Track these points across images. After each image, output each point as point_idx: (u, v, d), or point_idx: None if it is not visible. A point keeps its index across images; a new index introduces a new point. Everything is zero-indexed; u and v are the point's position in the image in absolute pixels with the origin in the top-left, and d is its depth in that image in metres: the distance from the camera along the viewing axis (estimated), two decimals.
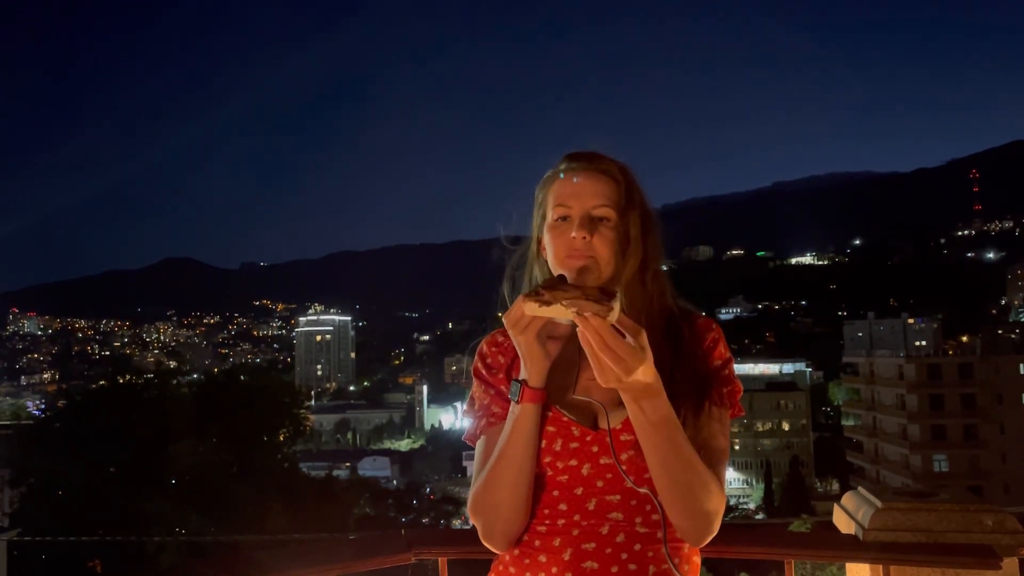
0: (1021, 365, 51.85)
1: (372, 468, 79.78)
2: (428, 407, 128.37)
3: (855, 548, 2.08)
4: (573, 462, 1.36)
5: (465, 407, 1.67)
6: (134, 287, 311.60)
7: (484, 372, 1.61)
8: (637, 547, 1.32)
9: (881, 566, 2.06)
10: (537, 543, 1.36)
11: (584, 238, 1.38)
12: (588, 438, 1.37)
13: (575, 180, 1.43)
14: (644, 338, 1.18)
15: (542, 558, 1.35)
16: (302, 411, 39.34)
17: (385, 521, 41.91)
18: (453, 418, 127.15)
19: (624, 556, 1.31)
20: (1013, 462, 49.17)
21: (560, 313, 1.16)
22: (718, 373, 1.41)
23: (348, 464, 79.56)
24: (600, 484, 1.35)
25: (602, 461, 1.35)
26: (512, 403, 1.39)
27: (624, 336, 1.17)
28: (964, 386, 50.95)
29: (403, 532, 2.23)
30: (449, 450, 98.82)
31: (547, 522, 1.36)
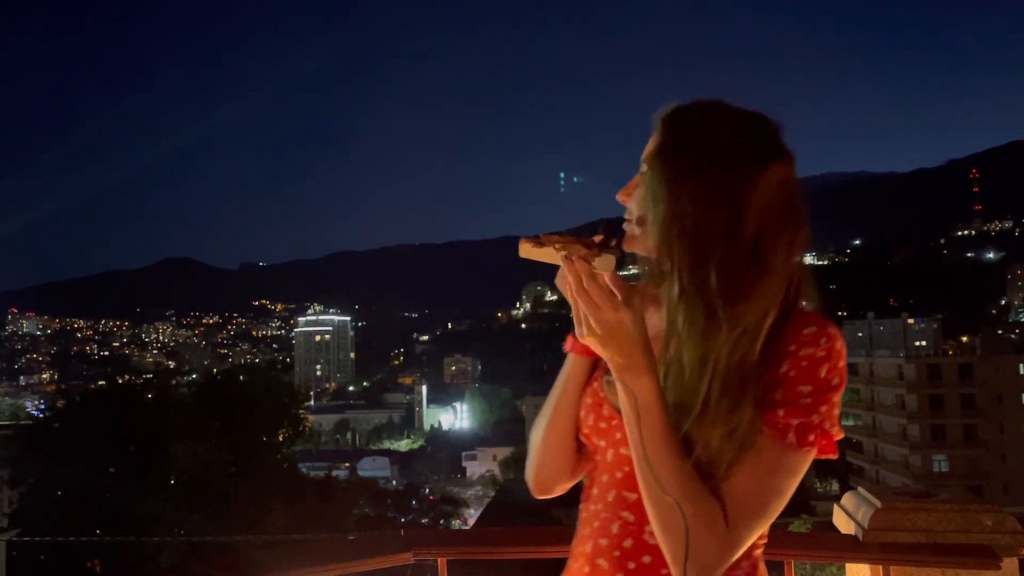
0: (1021, 365, 51.89)
1: (371, 468, 79.77)
2: (428, 407, 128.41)
3: (855, 548, 2.08)
4: (602, 443, 1.24)
5: None
6: (133, 287, 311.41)
7: None
8: (646, 560, 1.15)
9: (881, 566, 2.06)
10: (582, 523, 1.27)
11: (622, 201, 1.23)
12: (614, 422, 1.21)
13: None
14: (636, 299, 1.06)
15: (586, 546, 1.24)
16: (301, 411, 39.35)
17: (384, 521, 41.88)
18: (453, 418, 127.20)
19: (631, 566, 1.15)
20: (1013, 462, 49.21)
21: (550, 256, 1.10)
22: (790, 396, 1.08)
23: (347, 464, 79.57)
24: (619, 475, 1.20)
25: (622, 451, 1.19)
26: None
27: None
28: (964, 386, 50.98)
29: (403, 532, 2.23)
30: (449, 450, 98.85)
31: (588, 504, 1.26)
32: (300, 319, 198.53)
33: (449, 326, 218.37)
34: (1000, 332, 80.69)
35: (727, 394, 1.06)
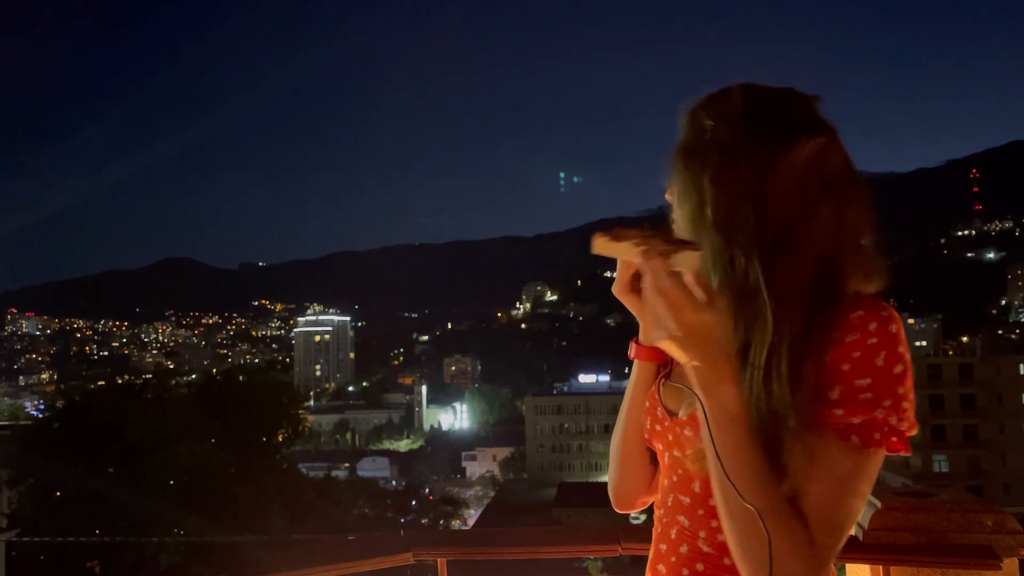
0: (1021, 365, 51.95)
1: (371, 468, 79.82)
2: (427, 407, 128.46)
3: (855, 548, 2.08)
4: (659, 446, 1.22)
5: None
6: (133, 287, 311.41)
7: None
8: (700, 567, 1.10)
9: (881, 566, 2.06)
10: (654, 527, 1.23)
11: (669, 199, 1.18)
12: (666, 424, 1.19)
13: None
14: (721, 303, 0.94)
15: (651, 550, 1.21)
16: (301, 411, 39.34)
17: (384, 522, 41.93)
18: (452, 418, 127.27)
19: (686, 573, 1.12)
20: (1013, 462, 49.27)
21: (627, 252, 1.01)
22: (848, 393, 0.99)
23: (347, 464, 79.63)
24: (675, 479, 1.17)
25: (675, 454, 1.17)
26: None
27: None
28: (964, 386, 51.02)
29: (402, 533, 2.24)
30: (448, 451, 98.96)
31: (656, 508, 1.23)
32: (300, 319, 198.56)
33: (449, 326, 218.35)
34: (1000, 332, 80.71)
35: (791, 395, 0.99)
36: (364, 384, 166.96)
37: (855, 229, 1.06)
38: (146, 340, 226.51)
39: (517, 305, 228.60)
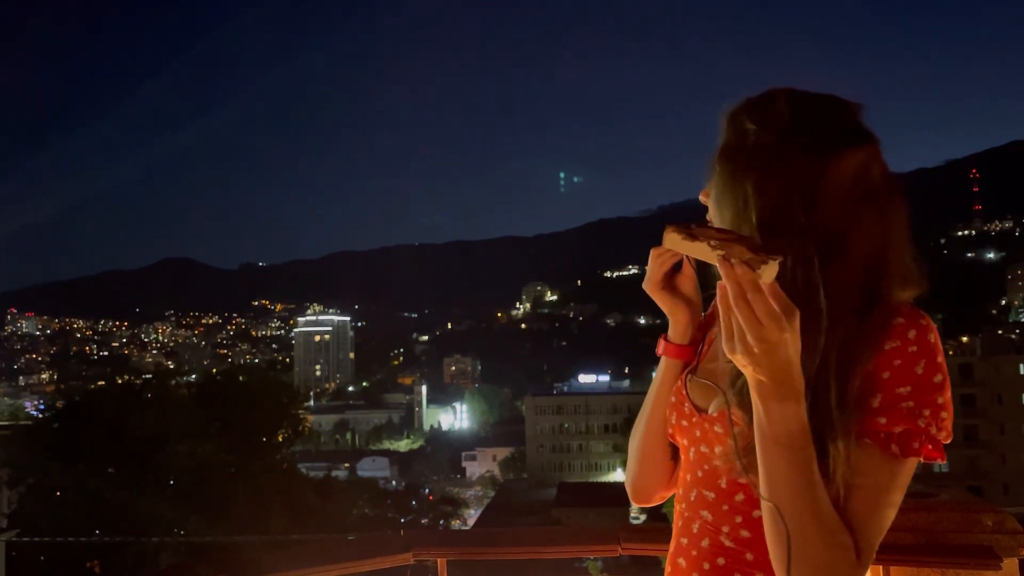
0: (1021, 365, 51.96)
1: (371, 469, 79.83)
2: (427, 407, 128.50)
3: None
4: (684, 441, 1.23)
5: None
6: (132, 287, 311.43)
7: None
8: (720, 562, 1.11)
9: (881, 566, 2.06)
10: (674, 521, 1.24)
11: (704, 202, 1.18)
12: (694, 419, 1.19)
13: None
14: (797, 321, 0.91)
15: (671, 544, 1.23)
16: (301, 411, 39.35)
17: (384, 522, 41.96)
18: (452, 418, 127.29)
19: (706, 567, 1.13)
20: (1013, 462, 49.28)
21: (702, 253, 0.96)
22: (890, 400, 1.00)
23: (347, 464, 79.68)
24: (700, 474, 1.18)
25: (702, 449, 1.18)
26: None
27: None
28: (964, 386, 51.00)
29: (402, 533, 2.24)
30: (448, 451, 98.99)
31: (677, 503, 1.24)
32: (300, 319, 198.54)
33: (449, 326, 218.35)
34: (1000, 332, 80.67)
35: (839, 404, 0.99)
36: (364, 384, 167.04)
37: (896, 237, 1.06)
38: (146, 340, 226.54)
39: (517, 305, 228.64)
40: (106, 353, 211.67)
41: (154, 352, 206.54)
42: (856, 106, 1.09)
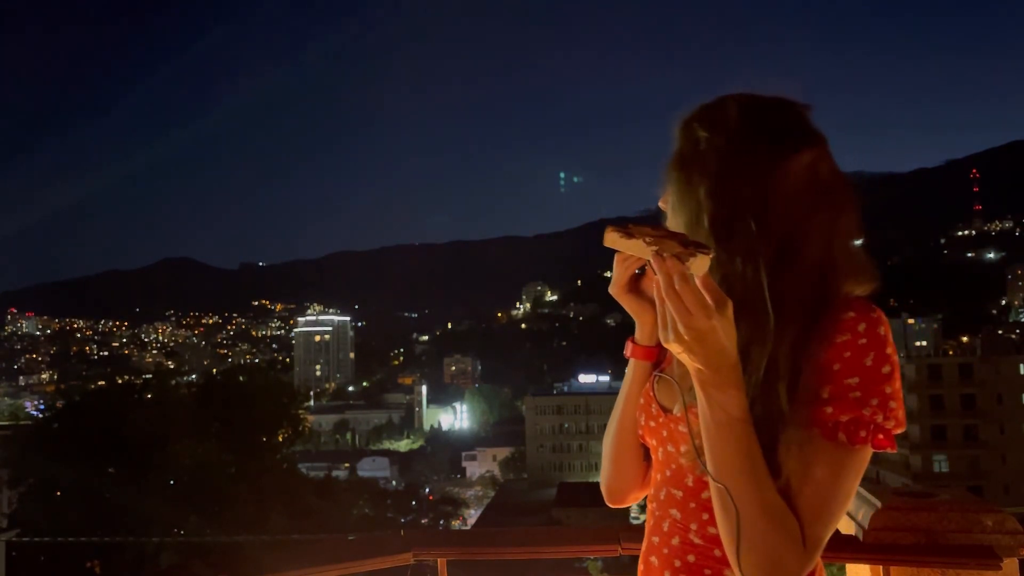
0: (1021, 365, 51.93)
1: (371, 469, 79.76)
2: (427, 407, 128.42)
3: (855, 548, 2.07)
4: (653, 441, 1.25)
5: None
6: (133, 287, 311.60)
7: None
8: (691, 559, 1.14)
9: (881, 567, 2.06)
10: (646, 521, 1.27)
11: (663, 208, 1.20)
12: (660, 420, 1.23)
13: None
14: (730, 310, 0.96)
15: (643, 543, 1.25)
16: (301, 411, 39.34)
17: (384, 522, 41.90)
18: (452, 418, 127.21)
19: (677, 564, 1.15)
20: (1013, 462, 49.25)
21: (638, 249, 1.02)
22: (838, 391, 1.03)
23: (347, 464, 79.57)
24: (668, 473, 1.21)
25: (669, 448, 1.21)
26: None
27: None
28: (964, 386, 51.03)
29: (402, 533, 2.24)
30: (448, 451, 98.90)
31: (649, 502, 1.26)
32: (300, 319, 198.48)
33: (449, 326, 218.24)
34: (1000, 332, 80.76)
35: (789, 398, 1.03)
36: (364, 384, 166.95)
37: (847, 234, 1.09)
38: (146, 340, 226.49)
39: (517, 305, 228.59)
40: (106, 353, 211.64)
41: (154, 352, 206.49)
42: (804, 107, 1.12)
